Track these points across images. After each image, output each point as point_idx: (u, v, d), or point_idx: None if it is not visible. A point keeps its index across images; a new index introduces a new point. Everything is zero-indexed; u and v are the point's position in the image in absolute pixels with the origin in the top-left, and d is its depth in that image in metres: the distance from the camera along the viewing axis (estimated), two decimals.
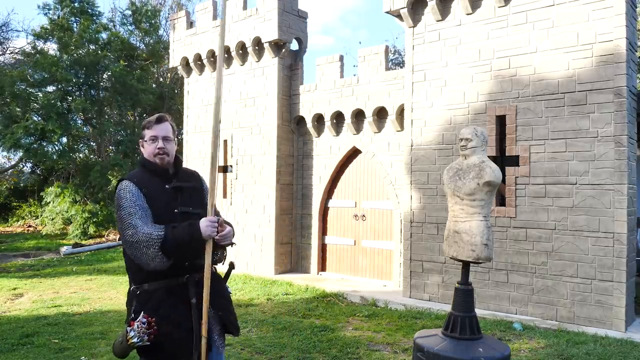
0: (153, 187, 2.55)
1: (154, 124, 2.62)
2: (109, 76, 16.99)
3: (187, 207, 2.57)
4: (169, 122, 2.67)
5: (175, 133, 2.73)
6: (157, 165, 2.61)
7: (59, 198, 16.28)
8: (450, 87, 7.13)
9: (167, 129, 2.63)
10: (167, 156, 2.61)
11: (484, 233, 3.67)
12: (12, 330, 5.74)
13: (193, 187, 2.68)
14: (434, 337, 3.69)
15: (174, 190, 2.58)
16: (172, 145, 2.66)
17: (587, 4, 6.02)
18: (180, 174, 2.69)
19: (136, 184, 2.53)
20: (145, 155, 2.66)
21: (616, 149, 5.81)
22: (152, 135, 2.60)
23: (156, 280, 2.45)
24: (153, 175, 2.60)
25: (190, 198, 2.63)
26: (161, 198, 2.53)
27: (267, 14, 9.52)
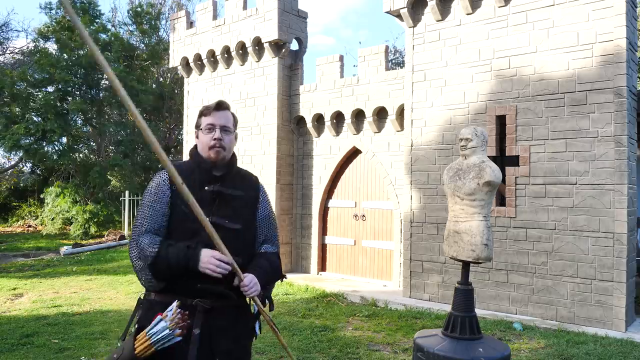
0: (188, 184, 2.03)
1: (213, 110, 2.22)
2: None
3: (223, 218, 2.13)
4: (230, 111, 2.28)
5: (236, 125, 2.32)
6: (207, 159, 2.20)
7: (59, 198, 16.28)
8: (450, 87, 7.13)
9: (228, 118, 2.24)
10: (224, 150, 2.19)
11: (484, 233, 3.67)
12: (12, 330, 5.74)
13: (240, 197, 2.22)
14: (434, 337, 3.69)
15: (212, 195, 2.15)
16: (231, 139, 2.24)
17: (587, 4, 6.02)
18: (230, 176, 2.24)
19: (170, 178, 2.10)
20: (198, 148, 2.25)
21: (616, 149, 5.81)
22: (209, 124, 2.19)
23: (165, 292, 2.10)
24: (196, 171, 2.20)
25: (232, 209, 2.18)
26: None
27: (267, 14, 9.52)
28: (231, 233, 2.11)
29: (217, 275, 1.98)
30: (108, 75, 1.65)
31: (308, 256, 9.69)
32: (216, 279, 2.02)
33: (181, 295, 2.05)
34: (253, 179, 2.37)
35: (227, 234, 2.08)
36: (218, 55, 10.44)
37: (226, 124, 2.22)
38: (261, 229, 2.32)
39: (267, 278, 2.22)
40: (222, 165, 2.22)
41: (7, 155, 21.62)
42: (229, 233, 2.10)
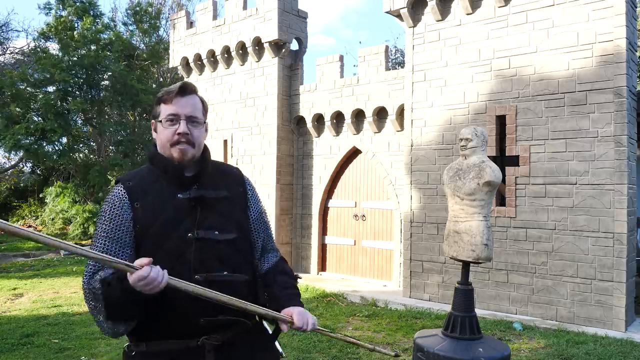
0: (155, 198, 1.67)
1: (176, 95, 1.71)
2: (109, 76, 17.00)
3: (211, 229, 1.68)
4: (198, 96, 1.77)
5: (207, 113, 1.82)
6: (171, 161, 1.72)
7: (59, 198, 16.29)
8: (450, 87, 7.13)
9: (195, 105, 1.74)
10: (192, 147, 1.71)
11: (484, 233, 3.67)
12: (12, 330, 5.74)
13: (225, 198, 1.76)
14: (434, 337, 3.69)
15: (191, 203, 1.69)
16: (201, 132, 1.75)
17: (587, 4, 6.02)
18: (206, 174, 1.77)
19: (129, 192, 1.67)
20: (158, 146, 1.76)
21: (616, 149, 5.81)
22: (171, 114, 1.70)
23: (159, 338, 1.63)
24: (161, 178, 1.72)
25: (219, 215, 1.72)
26: (166, 215, 1.66)
27: (267, 14, 9.52)
28: (225, 246, 1.68)
29: (149, 286, 1.43)
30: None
31: (308, 256, 9.69)
32: (219, 307, 1.60)
33: (181, 337, 1.62)
34: (235, 172, 1.90)
35: (221, 249, 1.66)
36: (218, 55, 10.44)
37: (193, 113, 1.72)
38: (257, 232, 1.85)
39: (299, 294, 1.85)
40: (193, 164, 1.74)
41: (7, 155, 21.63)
42: (222, 247, 1.67)
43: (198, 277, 1.60)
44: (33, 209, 20.08)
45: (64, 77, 15.54)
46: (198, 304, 1.59)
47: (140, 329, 1.64)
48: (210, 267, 1.65)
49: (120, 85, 16.64)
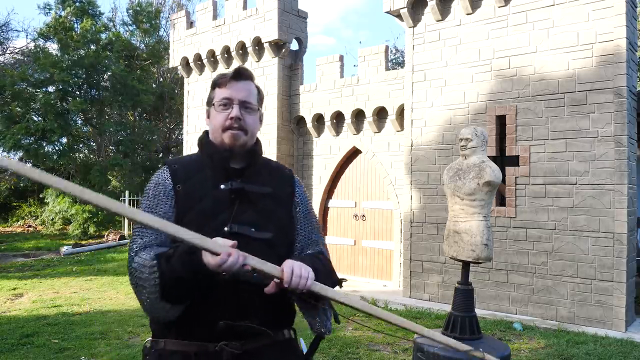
0: (197, 184, 1.61)
1: (230, 79, 1.64)
2: (109, 76, 17.00)
3: (248, 226, 1.58)
4: (254, 82, 1.69)
5: (262, 101, 1.75)
6: (218, 148, 1.64)
7: (59, 198, 16.29)
8: (450, 87, 7.13)
9: (250, 91, 1.66)
10: (244, 133, 1.64)
11: (484, 233, 3.67)
12: (12, 330, 5.73)
13: (269, 195, 1.66)
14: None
15: (232, 195, 1.60)
16: (255, 119, 1.68)
17: (587, 4, 6.02)
18: (254, 169, 1.68)
19: (172, 174, 1.63)
20: (210, 132, 1.70)
21: (616, 149, 5.81)
22: (225, 97, 1.62)
23: (178, 337, 1.54)
24: (207, 166, 1.65)
25: (259, 212, 1.62)
26: (204, 204, 1.58)
27: (267, 14, 9.52)
28: (260, 245, 1.56)
29: (230, 264, 1.34)
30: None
31: None
32: (244, 311, 1.50)
33: (200, 340, 1.52)
34: (286, 171, 1.81)
35: (255, 247, 1.51)
36: (218, 55, 10.44)
37: (247, 98, 1.64)
38: (300, 233, 1.75)
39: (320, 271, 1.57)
40: (242, 155, 1.66)
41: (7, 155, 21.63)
42: (256, 246, 1.54)
43: (225, 275, 1.45)
44: (33, 209, 20.08)
45: (64, 76, 15.55)
46: (221, 306, 1.50)
47: (161, 324, 1.57)
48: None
49: (120, 85, 16.65)
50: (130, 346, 5.21)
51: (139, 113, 20.40)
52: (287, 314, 1.68)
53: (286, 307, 1.64)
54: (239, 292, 1.52)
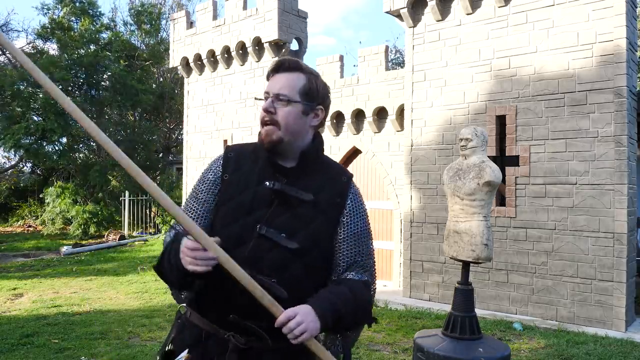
0: (243, 176, 1.60)
1: (272, 71, 1.61)
2: (109, 76, 17.00)
3: (279, 231, 1.52)
4: (302, 74, 1.61)
5: (314, 96, 1.62)
6: (261, 144, 1.60)
7: (59, 198, 16.28)
8: (450, 87, 7.13)
9: (290, 82, 1.57)
10: (277, 129, 1.54)
11: (484, 233, 3.67)
12: (12, 330, 5.73)
13: (310, 203, 1.56)
14: (434, 337, 3.69)
15: (272, 195, 1.56)
16: (289, 112, 1.55)
17: (587, 4, 6.02)
18: (301, 171, 1.60)
19: (224, 162, 1.63)
20: None
21: (616, 149, 5.81)
22: (265, 91, 1.59)
23: (202, 312, 1.60)
24: (259, 159, 1.62)
25: (294, 218, 1.55)
26: (243, 197, 1.57)
27: (267, 14, 9.53)
28: (285, 253, 1.51)
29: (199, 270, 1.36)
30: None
31: None
32: (254, 311, 1.47)
33: (215, 324, 1.55)
34: (341, 180, 1.66)
35: (278, 254, 1.50)
36: (218, 55, 10.45)
37: (281, 90, 1.55)
38: (345, 251, 1.61)
39: (342, 311, 1.47)
40: (289, 153, 1.59)
41: (7, 155, 21.64)
42: (281, 253, 1.50)
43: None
44: (33, 209, 20.08)
45: (64, 75, 15.54)
46: (234, 300, 1.52)
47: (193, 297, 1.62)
48: (260, 268, 1.49)
49: (120, 86, 16.65)
50: (130, 346, 5.21)
51: (139, 113, 20.39)
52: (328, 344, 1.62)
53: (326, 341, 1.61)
54: (250, 295, 1.48)
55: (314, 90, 1.61)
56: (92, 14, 17.47)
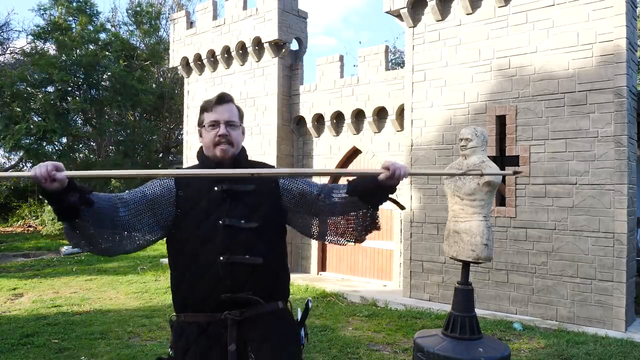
0: (195, 189, 1.97)
1: (215, 104, 2.01)
2: (109, 76, 17.00)
3: (238, 219, 1.92)
4: (234, 104, 2.07)
5: (242, 118, 2.11)
6: (211, 160, 2.02)
7: None
8: (450, 87, 7.13)
9: (232, 112, 2.03)
10: (232, 147, 1.99)
11: (484, 233, 3.67)
12: (12, 330, 5.74)
13: (253, 192, 1.98)
14: (434, 337, 3.69)
15: (223, 195, 1.95)
16: (239, 134, 2.04)
17: (587, 4, 6.02)
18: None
19: (176, 181, 1.99)
20: (203, 148, 2.07)
21: (616, 149, 5.81)
22: (212, 120, 1.99)
23: (193, 311, 1.95)
24: None
25: (246, 206, 1.96)
26: (201, 205, 1.95)
27: (267, 14, 9.52)
28: (250, 233, 1.92)
29: (44, 179, 1.57)
30: None
31: (308, 256, 9.69)
32: (241, 286, 1.88)
33: (209, 311, 1.91)
34: (269, 168, 2.16)
35: (246, 235, 1.91)
36: (218, 55, 10.44)
37: (231, 118, 2.00)
38: (305, 196, 2.02)
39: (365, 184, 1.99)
40: (229, 163, 2.01)
41: (7, 155, 21.63)
42: (246, 233, 1.91)
43: (222, 259, 1.87)
44: (33, 209, 20.08)
45: (63, 76, 15.54)
46: (221, 283, 1.87)
47: (179, 303, 1.98)
48: (234, 250, 1.89)
49: (120, 85, 16.64)
50: (130, 346, 5.21)
51: (139, 113, 20.38)
52: (280, 289, 2.03)
53: (278, 283, 2.01)
54: (234, 272, 1.88)
55: (242, 115, 2.11)
56: (89, 13, 17.44)
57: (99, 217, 1.79)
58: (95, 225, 1.78)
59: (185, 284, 1.94)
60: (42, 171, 1.57)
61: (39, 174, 1.57)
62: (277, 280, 2.01)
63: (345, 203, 1.98)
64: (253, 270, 1.90)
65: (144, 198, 1.93)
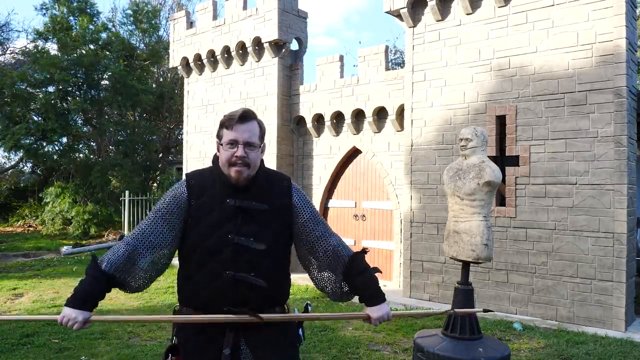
0: (208, 199, 1.98)
1: (236, 122, 1.94)
2: (109, 76, 16.99)
3: (248, 236, 1.93)
4: (256, 122, 1.99)
5: (264, 136, 2.04)
6: (227, 177, 1.98)
7: (59, 198, 16.27)
8: (450, 87, 7.13)
9: (253, 131, 1.96)
10: (248, 168, 1.94)
11: (484, 233, 3.67)
12: (12, 330, 5.73)
13: (265, 211, 1.98)
14: (434, 337, 3.69)
15: (236, 210, 1.95)
16: (257, 154, 1.98)
17: (587, 4, 6.03)
18: (255, 187, 2.00)
19: (189, 189, 2.00)
20: (220, 162, 2.01)
21: (616, 149, 5.81)
22: (231, 139, 1.93)
23: (196, 307, 1.98)
24: (217, 181, 2.00)
25: (257, 225, 1.96)
26: (213, 216, 1.95)
27: (267, 14, 9.53)
28: (257, 252, 1.94)
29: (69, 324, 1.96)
30: None
31: None
32: (243, 303, 1.92)
33: (212, 309, 1.95)
34: (283, 185, 2.09)
35: (253, 255, 1.93)
36: (218, 55, 10.45)
37: (250, 139, 1.94)
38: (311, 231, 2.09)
39: (373, 280, 2.22)
40: (245, 184, 1.99)
41: (7, 155, 21.63)
42: (253, 252, 1.93)
43: (227, 273, 1.91)
44: (33, 209, 20.08)
45: (64, 76, 15.54)
46: (224, 298, 1.92)
47: (183, 300, 2.04)
48: (240, 267, 1.92)
49: (120, 85, 16.64)
50: (130, 346, 5.21)
51: (139, 113, 20.37)
52: (280, 296, 2.07)
53: (279, 293, 2.06)
54: (238, 289, 1.92)
55: (264, 133, 2.04)
56: (90, 13, 17.43)
57: (122, 279, 2.04)
58: (123, 281, 2.05)
59: (190, 287, 2.00)
60: (69, 324, 1.95)
61: (67, 323, 1.96)
62: (277, 299, 2.06)
63: (339, 286, 2.19)
64: (256, 288, 1.93)
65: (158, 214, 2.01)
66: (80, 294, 1.98)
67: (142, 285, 2.08)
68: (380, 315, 2.07)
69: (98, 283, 1.98)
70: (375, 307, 2.10)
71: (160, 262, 2.05)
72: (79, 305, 1.95)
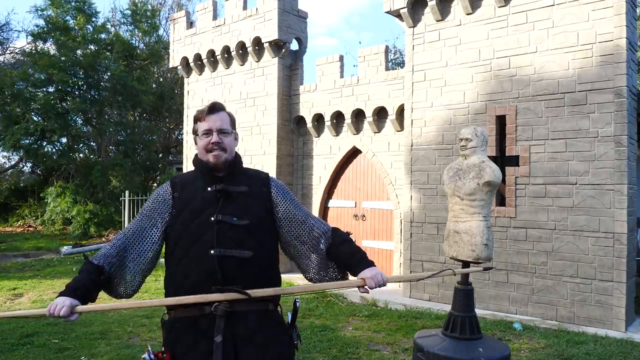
0: (191, 190, 2.14)
1: (207, 114, 2.14)
2: (109, 76, 16.99)
3: (231, 216, 2.05)
4: (225, 112, 2.19)
5: (235, 124, 2.24)
6: (206, 163, 2.14)
7: (59, 198, 16.27)
8: (450, 87, 7.13)
9: (223, 119, 2.16)
10: (225, 152, 2.13)
11: (484, 233, 3.67)
12: (12, 330, 5.73)
13: (245, 193, 2.13)
14: (434, 337, 3.69)
15: (216, 195, 2.10)
16: (231, 140, 2.17)
17: (587, 4, 6.02)
18: (232, 176, 2.17)
19: (172, 185, 2.18)
20: (198, 154, 2.20)
21: (616, 149, 5.81)
22: (205, 129, 2.13)
23: (182, 307, 2.04)
24: (199, 177, 2.18)
25: (239, 205, 2.10)
26: (195, 203, 2.10)
27: (267, 14, 9.52)
28: (240, 229, 2.05)
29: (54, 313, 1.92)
30: None
31: None
32: (228, 278, 1.98)
33: (198, 305, 1.99)
34: (262, 176, 2.26)
35: (236, 231, 2.04)
36: (218, 55, 10.45)
37: (222, 126, 2.14)
38: (295, 221, 2.21)
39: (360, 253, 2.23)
40: (224, 167, 2.14)
41: (7, 155, 21.63)
42: (238, 230, 2.04)
43: (213, 252, 1.99)
44: (33, 209, 20.08)
45: (63, 77, 15.53)
46: (211, 276, 1.98)
47: (172, 290, 2.09)
48: (225, 244, 2.01)
49: (120, 86, 16.64)
50: (130, 346, 5.21)
51: (139, 113, 20.37)
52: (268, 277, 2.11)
53: (268, 282, 2.08)
54: (224, 265, 1.99)
55: (234, 121, 2.23)
56: (87, 13, 17.40)
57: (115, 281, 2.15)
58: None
59: (177, 278, 2.06)
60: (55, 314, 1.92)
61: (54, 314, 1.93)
62: (266, 279, 2.09)
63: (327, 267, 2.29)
64: (243, 264, 2.01)
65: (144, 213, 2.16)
66: (72, 284, 2.01)
67: (129, 289, 2.17)
68: (374, 274, 2.07)
69: (89, 274, 2.04)
70: (367, 269, 2.11)
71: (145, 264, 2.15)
72: (68, 293, 1.97)
